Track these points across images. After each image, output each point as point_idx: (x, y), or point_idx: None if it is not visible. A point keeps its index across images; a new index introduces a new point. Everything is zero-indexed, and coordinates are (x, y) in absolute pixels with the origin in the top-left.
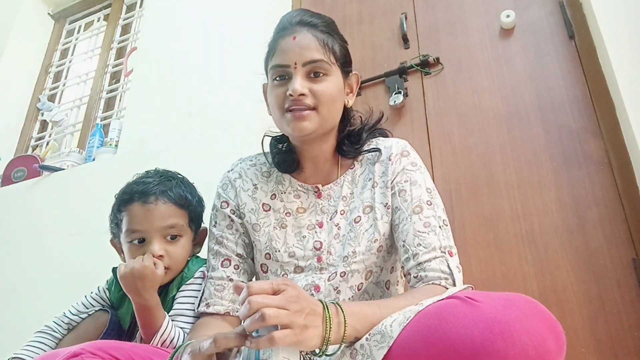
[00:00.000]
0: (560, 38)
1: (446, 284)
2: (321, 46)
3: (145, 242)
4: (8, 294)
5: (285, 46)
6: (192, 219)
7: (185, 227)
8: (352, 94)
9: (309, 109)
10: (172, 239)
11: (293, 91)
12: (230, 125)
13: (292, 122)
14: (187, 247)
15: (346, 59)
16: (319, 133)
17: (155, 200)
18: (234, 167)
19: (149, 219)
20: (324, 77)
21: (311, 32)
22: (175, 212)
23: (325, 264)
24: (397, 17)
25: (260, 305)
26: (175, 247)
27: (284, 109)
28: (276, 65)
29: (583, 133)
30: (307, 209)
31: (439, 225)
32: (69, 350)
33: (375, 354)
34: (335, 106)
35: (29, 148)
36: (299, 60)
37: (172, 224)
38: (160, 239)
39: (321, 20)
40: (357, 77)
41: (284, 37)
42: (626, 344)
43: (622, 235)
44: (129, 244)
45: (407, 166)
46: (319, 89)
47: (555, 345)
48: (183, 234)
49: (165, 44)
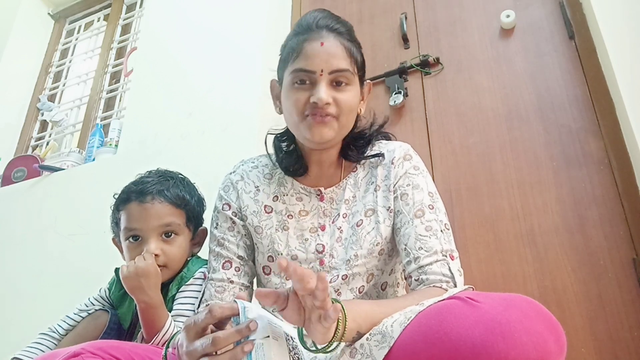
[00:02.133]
0: (560, 38)
1: (447, 287)
2: (348, 55)
3: (141, 241)
4: (8, 294)
5: (312, 51)
6: (190, 219)
7: (182, 226)
8: (364, 102)
9: (331, 117)
10: (168, 237)
11: (319, 100)
12: (230, 125)
13: (313, 126)
14: (184, 246)
15: (363, 68)
16: (336, 141)
17: (151, 200)
18: (236, 169)
19: (145, 218)
20: (346, 86)
21: (338, 40)
22: (172, 211)
23: (328, 267)
24: (397, 17)
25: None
26: (171, 246)
27: (304, 115)
28: (300, 70)
29: (583, 133)
30: (309, 212)
31: (441, 229)
32: (68, 350)
33: (375, 354)
34: (353, 116)
35: (29, 148)
36: (325, 68)
37: (168, 222)
38: (156, 237)
39: (345, 28)
40: (370, 85)
41: (311, 42)
42: (626, 344)
43: (622, 235)
44: (126, 242)
45: (410, 170)
46: (342, 98)
47: (555, 346)
48: (179, 233)
49: (165, 44)
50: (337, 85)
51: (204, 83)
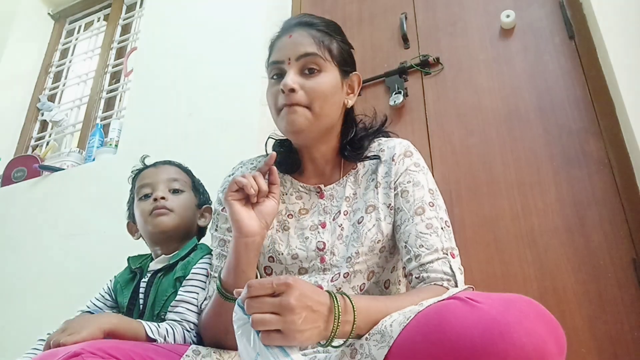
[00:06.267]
0: (560, 38)
1: (448, 285)
2: (316, 42)
3: (151, 195)
4: (8, 294)
5: (280, 44)
6: (195, 187)
7: (187, 186)
8: (353, 95)
9: (301, 106)
10: (175, 193)
11: (283, 85)
12: (230, 125)
13: (285, 117)
14: (190, 203)
15: (344, 58)
16: (315, 132)
17: (162, 165)
18: (235, 171)
19: (155, 174)
20: (318, 73)
21: (307, 30)
22: (180, 172)
23: (329, 265)
24: (397, 17)
25: (253, 310)
26: (177, 197)
27: (279, 107)
28: (272, 63)
29: (583, 133)
30: (309, 210)
31: (441, 226)
32: (68, 349)
33: (375, 354)
34: (330, 103)
35: (29, 148)
36: (292, 55)
37: (175, 177)
38: (164, 188)
39: (320, 21)
40: (359, 77)
41: (281, 37)
42: (626, 344)
43: (622, 235)
44: (138, 202)
45: (410, 167)
46: (311, 84)
47: (555, 347)
48: (186, 191)
49: (165, 44)
50: (310, 72)
51: (204, 83)
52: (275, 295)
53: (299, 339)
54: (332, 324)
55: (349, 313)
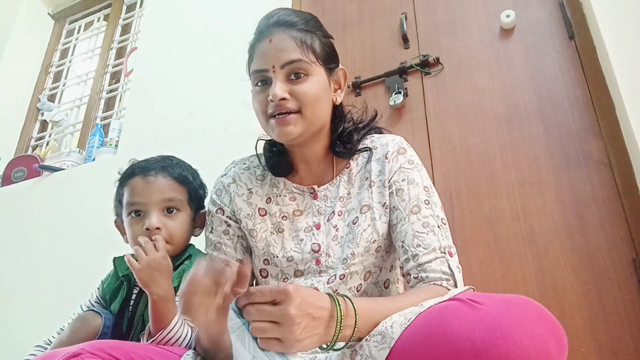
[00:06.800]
0: (560, 38)
1: (447, 284)
2: (298, 46)
3: (143, 215)
4: (8, 294)
5: (262, 50)
6: (192, 198)
7: (184, 202)
8: (341, 90)
9: (292, 113)
10: (170, 213)
11: (273, 96)
12: (230, 125)
13: (276, 128)
14: (186, 223)
15: (329, 55)
16: (307, 135)
17: (155, 175)
18: (227, 172)
19: (148, 192)
20: (305, 77)
21: (287, 33)
22: (175, 187)
23: (324, 267)
24: (397, 17)
25: (252, 318)
26: (173, 222)
27: (268, 115)
28: (255, 71)
29: (583, 133)
30: (303, 211)
31: (438, 224)
32: (68, 350)
33: (376, 355)
34: (321, 106)
35: (29, 148)
36: (276, 63)
37: (170, 197)
38: (158, 212)
39: (299, 18)
40: (344, 71)
41: (261, 41)
42: (626, 344)
43: (622, 235)
44: (128, 218)
45: (404, 164)
46: (300, 90)
47: (556, 348)
48: (182, 209)
49: (165, 44)
50: (296, 78)
51: (204, 83)
52: (274, 303)
53: (298, 347)
54: (333, 329)
55: (351, 317)
